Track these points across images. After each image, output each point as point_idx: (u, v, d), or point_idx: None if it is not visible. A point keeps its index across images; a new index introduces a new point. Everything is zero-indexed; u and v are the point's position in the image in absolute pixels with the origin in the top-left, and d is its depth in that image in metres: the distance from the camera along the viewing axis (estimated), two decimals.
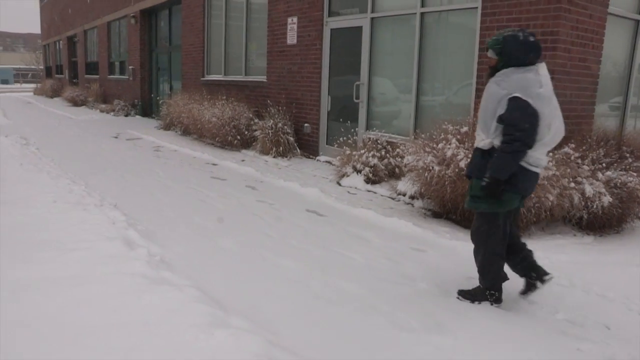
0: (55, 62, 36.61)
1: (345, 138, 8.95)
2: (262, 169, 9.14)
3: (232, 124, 11.21)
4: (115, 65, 23.28)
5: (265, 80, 11.71)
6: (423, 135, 6.73)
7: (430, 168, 6.12)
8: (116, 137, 13.63)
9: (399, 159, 7.81)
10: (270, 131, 10.24)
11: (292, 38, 10.71)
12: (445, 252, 5.24)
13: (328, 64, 9.96)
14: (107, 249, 4.69)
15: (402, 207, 6.87)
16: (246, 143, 11.20)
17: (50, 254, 4.57)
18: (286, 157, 10.15)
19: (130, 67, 20.42)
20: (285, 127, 10.32)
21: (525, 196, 3.94)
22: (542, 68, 3.75)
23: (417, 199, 6.90)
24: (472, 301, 4.07)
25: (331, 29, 9.84)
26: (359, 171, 7.94)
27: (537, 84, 3.65)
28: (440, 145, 6.18)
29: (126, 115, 19.52)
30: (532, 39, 3.73)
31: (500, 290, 4.04)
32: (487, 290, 4.04)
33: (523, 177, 3.74)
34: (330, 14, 9.87)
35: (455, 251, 5.25)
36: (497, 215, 3.85)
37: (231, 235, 5.51)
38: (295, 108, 10.68)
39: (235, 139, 11.18)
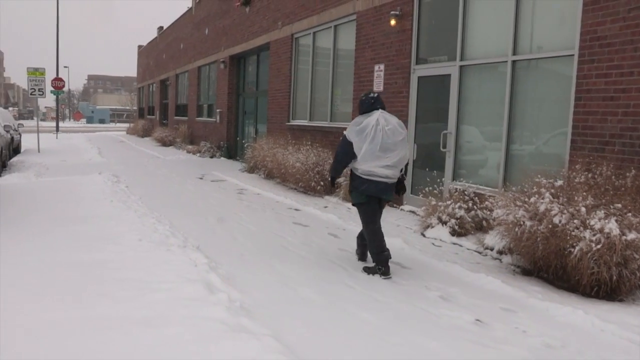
0: (147, 103, 38.57)
1: (430, 188, 8.71)
2: (344, 217, 9.02)
3: (316, 170, 11.23)
4: (203, 107, 24.15)
5: None
6: (514, 188, 6.43)
7: (521, 223, 5.79)
8: (201, 178, 13.97)
9: (487, 212, 7.50)
10: None
11: (378, 85, 10.68)
12: (537, 314, 4.86)
13: (415, 112, 9.83)
14: (188, 292, 4.67)
15: (490, 263, 6.54)
16: (329, 189, 11.15)
17: (133, 293, 4.60)
18: None
19: (218, 110, 21.09)
20: None
21: (374, 196, 5.81)
22: (374, 114, 5.68)
23: (506, 254, 6.55)
24: (368, 274, 5.80)
25: (418, 77, 9.74)
26: (444, 222, 7.66)
27: (356, 124, 5.70)
28: (532, 199, 5.85)
29: (211, 157, 20.07)
30: (363, 97, 5.87)
31: (385, 266, 5.75)
32: (377, 266, 5.79)
33: (358, 181, 5.80)
34: (417, 62, 9.79)
35: (548, 313, 4.86)
36: (358, 205, 5.96)
37: (312, 285, 5.38)
38: None
39: (319, 185, 11.17)
